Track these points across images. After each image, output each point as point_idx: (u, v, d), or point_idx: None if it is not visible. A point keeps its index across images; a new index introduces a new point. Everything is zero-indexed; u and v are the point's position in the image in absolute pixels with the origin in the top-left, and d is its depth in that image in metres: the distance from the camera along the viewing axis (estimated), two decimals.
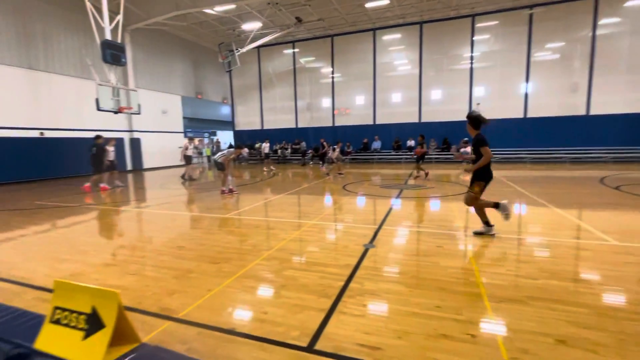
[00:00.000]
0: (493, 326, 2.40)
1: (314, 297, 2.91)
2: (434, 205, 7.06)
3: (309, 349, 2.17)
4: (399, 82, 20.58)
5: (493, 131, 18.49)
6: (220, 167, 8.83)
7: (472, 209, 4.78)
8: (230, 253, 4.16)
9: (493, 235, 4.50)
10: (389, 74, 20.74)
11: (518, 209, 6.46)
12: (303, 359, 2.07)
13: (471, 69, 18.87)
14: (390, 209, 6.53)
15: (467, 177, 4.87)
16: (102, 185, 10.71)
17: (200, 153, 18.06)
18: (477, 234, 4.57)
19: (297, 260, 3.87)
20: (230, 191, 8.95)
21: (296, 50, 22.93)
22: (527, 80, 18.01)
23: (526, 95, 18.15)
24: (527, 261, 3.68)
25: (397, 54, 20.48)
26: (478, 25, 18.43)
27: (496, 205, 4.43)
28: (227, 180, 8.97)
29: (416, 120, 20.34)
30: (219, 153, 9.05)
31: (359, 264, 3.65)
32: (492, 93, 18.72)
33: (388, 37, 20.43)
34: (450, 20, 18.79)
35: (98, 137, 10.53)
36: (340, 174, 12.98)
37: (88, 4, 12.10)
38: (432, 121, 19.98)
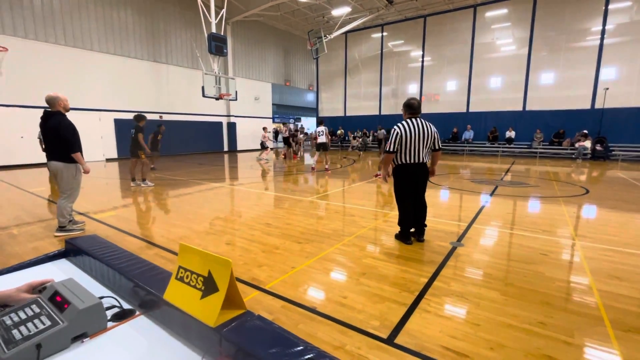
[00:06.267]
0: (616, 359, 1.98)
1: (395, 289, 2.82)
2: (538, 207, 6.14)
3: (390, 341, 2.12)
4: (500, 65, 18.19)
5: (632, 122, 15.03)
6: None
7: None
8: (312, 235, 4.32)
9: None
10: (489, 55, 18.46)
11: None
12: (383, 350, 2.03)
13: (600, 46, 15.49)
14: (483, 207, 5.91)
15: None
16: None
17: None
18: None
19: (377, 250, 3.81)
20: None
21: (384, 34, 22.09)
22: None
23: None
24: None
25: (502, 33, 18.03)
26: None
27: None
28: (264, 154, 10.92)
29: (520, 108, 17.81)
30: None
31: (445, 262, 3.40)
32: (628, 75, 15.13)
33: (492, 13, 18.09)
34: None
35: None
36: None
37: (199, 1, 13.66)
38: (540, 109, 17.23)
